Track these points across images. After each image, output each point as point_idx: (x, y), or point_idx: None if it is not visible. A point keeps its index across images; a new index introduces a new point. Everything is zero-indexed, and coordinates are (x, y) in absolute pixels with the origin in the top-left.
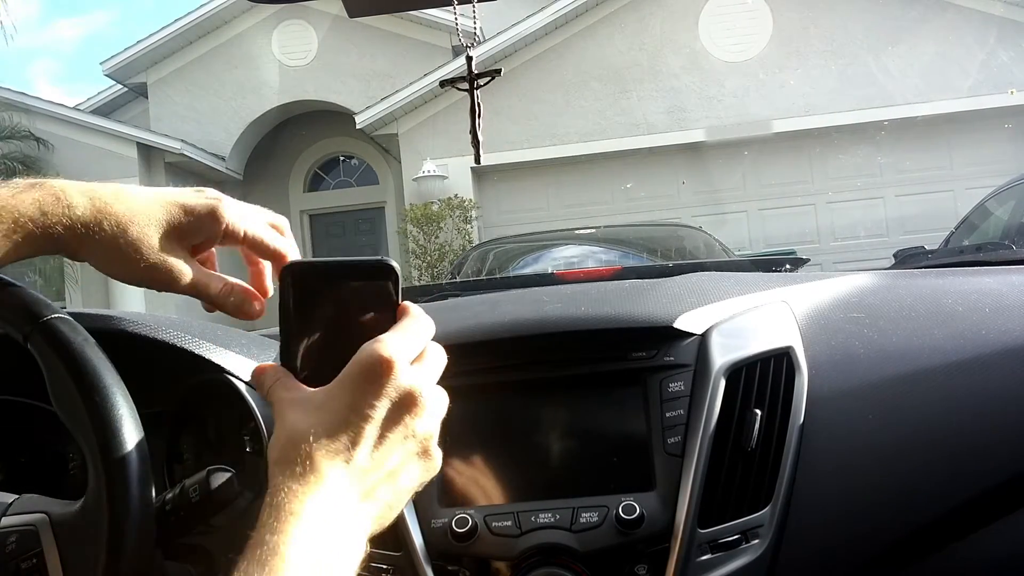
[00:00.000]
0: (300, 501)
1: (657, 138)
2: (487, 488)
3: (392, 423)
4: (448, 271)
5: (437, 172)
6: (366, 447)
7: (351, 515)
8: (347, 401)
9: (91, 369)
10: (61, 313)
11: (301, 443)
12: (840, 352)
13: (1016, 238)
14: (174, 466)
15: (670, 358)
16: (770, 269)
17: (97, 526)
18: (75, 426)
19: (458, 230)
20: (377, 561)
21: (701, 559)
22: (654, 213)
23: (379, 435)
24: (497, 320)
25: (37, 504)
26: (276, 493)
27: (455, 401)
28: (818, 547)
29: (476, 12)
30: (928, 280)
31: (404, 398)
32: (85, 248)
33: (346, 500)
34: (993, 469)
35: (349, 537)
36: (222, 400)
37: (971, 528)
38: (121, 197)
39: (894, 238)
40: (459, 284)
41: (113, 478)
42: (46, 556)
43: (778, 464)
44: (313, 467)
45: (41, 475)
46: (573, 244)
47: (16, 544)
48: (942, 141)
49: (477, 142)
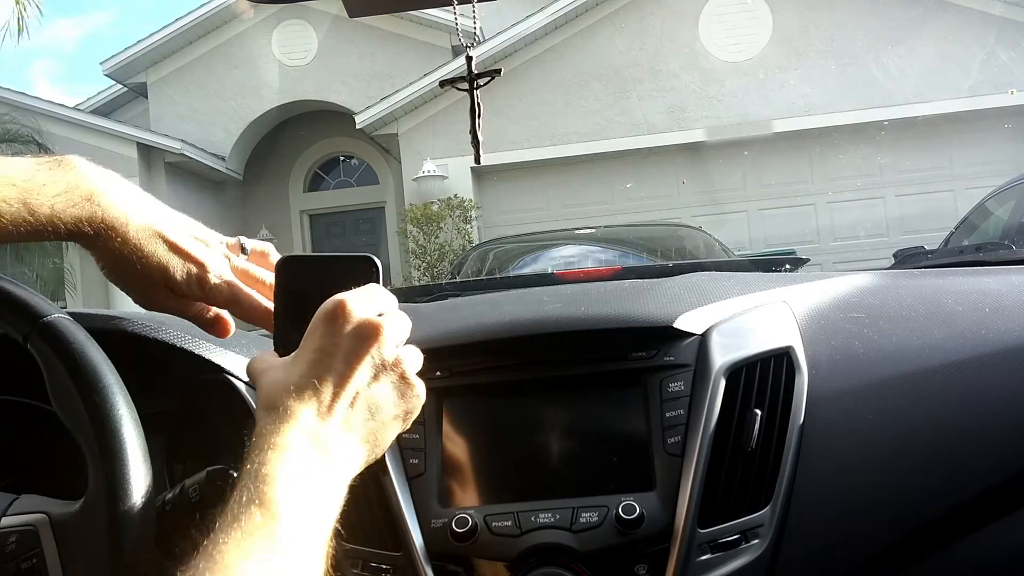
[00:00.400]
0: (280, 434)
1: (657, 138)
2: (487, 488)
3: (355, 354)
4: (448, 271)
5: (437, 172)
6: (332, 380)
7: (331, 445)
8: (312, 347)
9: (91, 369)
10: (61, 313)
11: (279, 395)
12: (840, 352)
13: (1016, 238)
14: (174, 466)
15: (670, 358)
16: (770, 269)
17: (97, 526)
18: (75, 426)
19: (458, 230)
20: (377, 561)
21: (701, 559)
22: (654, 213)
23: (346, 368)
24: (497, 320)
25: (37, 504)
26: (260, 433)
27: (456, 401)
28: (818, 547)
29: (476, 12)
30: (928, 280)
31: (362, 328)
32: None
33: (324, 432)
34: (993, 469)
35: (331, 466)
36: (222, 400)
37: (971, 528)
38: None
39: (894, 238)
40: (459, 284)
41: (113, 478)
42: (46, 556)
43: (778, 464)
44: (288, 409)
45: (41, 475)
46: (573, 244)
47: (16, 544)
48: (942, 141)
49: (477, 142)
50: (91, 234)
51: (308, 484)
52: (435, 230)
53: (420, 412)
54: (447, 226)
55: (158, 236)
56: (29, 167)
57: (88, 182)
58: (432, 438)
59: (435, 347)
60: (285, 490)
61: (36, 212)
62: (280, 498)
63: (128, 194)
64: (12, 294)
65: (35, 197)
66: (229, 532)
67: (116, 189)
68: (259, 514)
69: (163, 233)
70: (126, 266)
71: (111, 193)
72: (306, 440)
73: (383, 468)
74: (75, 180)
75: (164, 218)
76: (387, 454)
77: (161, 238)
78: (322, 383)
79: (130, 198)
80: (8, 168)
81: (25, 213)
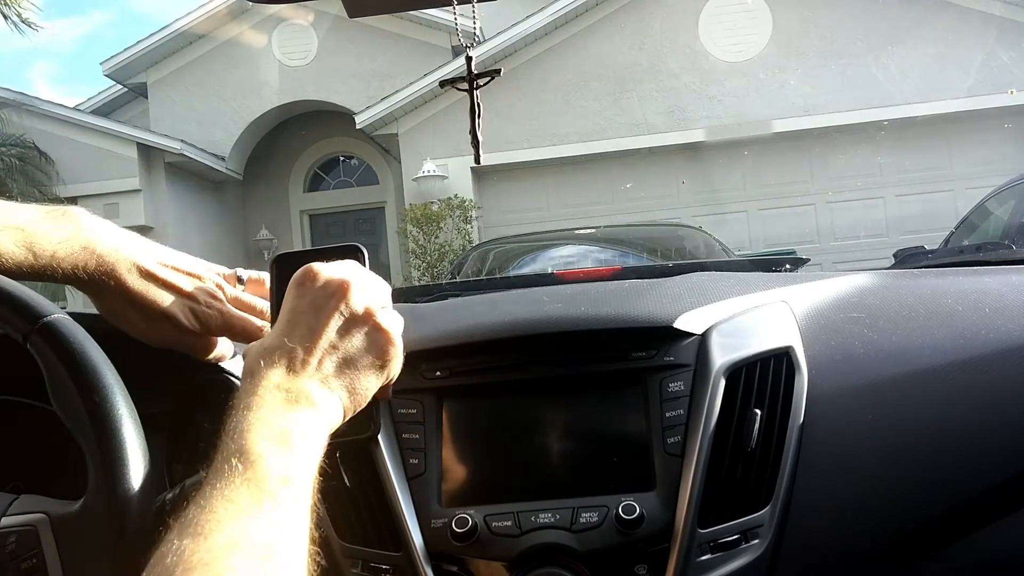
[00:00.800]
0: (254, 394)
1: (657, 138)
2: (487, 488)
3: (324, 310)
4: (448, 271)
5: (437, 172)
6: (302, 336)
7: (306, 397)
8: (284, 311)
9: (91, 369)
10: (61, 313)
11: (255, 361)
12: (840, 352)
13: (1016, 238)
14: (174, 466)
15: (670, 358)
16: (770, 269)
17: (97, 526)
18: (75, 426)
19: (458, 230)
20: (377, 561)
21: (701, 559)
22: (654, 213)
23: (316, 323)
24: (497, 320)
25: (37, 504)
26: (237, 397)
27: (455, 401)
28: (818, 547)
29: (476, 12)
30: (928, 280)
31: (329, 285)
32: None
33: (297, 385)
34: (993, 469)
35: (309, 418)
36: (222, 400)
37: (971, 527)
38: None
39: (894, 238)
40: (459, 284)
41: (113, 478)
42: (46, 556)
43: (778, 464)
44: (262, 371)
45: (41, 475)
46: (573, 244)
47: (16, 544)
48: (942, 141)
49: (477, 142)
50: (86, 279)
51: (285, 434)
52: (435, 230)
53: (420, 412)
54: (447, 226)
55: (150, 276)
56: (36, 215)
57: (86, 233)
58: (432, 438)
59: (435, 347)
60: (260, 439)
61: (39, 256)
62: (257, 448)
63: (121, 242)
64: (12, 294)
65: (39, 242)
66: (214, 483)
67: (111, 239)
68: (239, 464)
69: (155, 273)
70: (121, 307)
71: (106, 242)
72: (280, 395)
73: (383, 468)
74: (75, 230)
75: (155, 259)
76: (387, 454)
77: (153, 278)
78: (293, 340)
79: (123, 245)
80: (18, 215)
81: (29, 256)
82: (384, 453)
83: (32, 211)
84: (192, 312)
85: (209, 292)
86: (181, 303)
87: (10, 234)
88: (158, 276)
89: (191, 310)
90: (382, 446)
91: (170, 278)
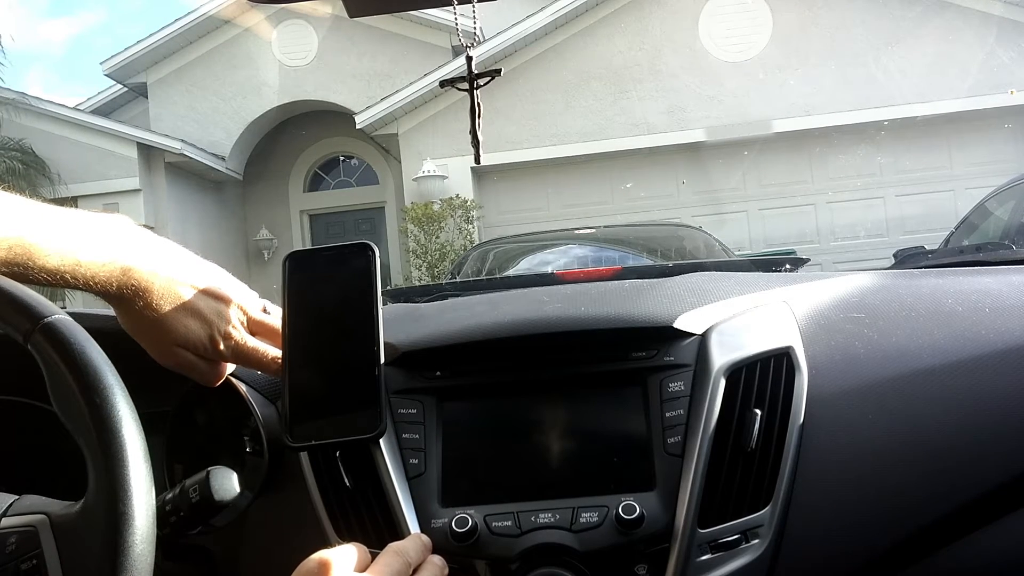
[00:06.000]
0: None
1: (657, 138)
2: (487, 488)
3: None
4: (448, 271)
5: (437, 172)
6: None
7: None
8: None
9: (91, 369)
10: (61, 313)
11: None
12: (840, 352)
13: (1016, 238)
14: (174, 466)
15: (670, 358)
16: (770, 269)
17: (97, 526)
18: (75, 426)
19: (459, 230)
20: None
21: (701, 559)
22: (654, 213)
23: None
24: (497, 320)
25: (37, 504)
26: None
27: (455, 401)
28: (818, 547)
29: (476, 12)
30: (928, 280)
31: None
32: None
33: None
34: (994, 469)
35: None
36: (222, 400)
37: (972, 528)
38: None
39: (894, 238)
40: (459, 284)
41: (113, 478)
42: (46, 557)
43: (778, 464)
44: None
45: (41, 475)
46: (573, 244)
47: (16, 545)
48: (942, 141)
49: (477, 142)
50: (116, 296)
51: None
52: (436, 230)
53: (420, 412)
54: (448, 226)
55: (179, 303)
56: (86, 239)
57: (127, 256)
58: (432, 438)
59: (435, 347)
60: None
61: (76, 275)
62: None
63: (159, 264)
64: (12, 294)
65: (83, 269)
66: None
67: (150, 261)
68: None
69: (184, 299)
70: (146, 326)
71: (145, 266)
72: None
73: (382, 468)
74: (117, 253)
75: (188, 281)
76: (387, 454)
77: (182, 306)
78: None
79: (160, 268)
80: (70, 239)
81: (69, 276)
82: (384, 453)
83: (82, 233)
84: (210, 340)
85: (230, 320)
86: (202, 332)
87: (59, 259)
88: (187, 303)
89: (209, 338)
90: (382, 446)
91: (198, 304)
